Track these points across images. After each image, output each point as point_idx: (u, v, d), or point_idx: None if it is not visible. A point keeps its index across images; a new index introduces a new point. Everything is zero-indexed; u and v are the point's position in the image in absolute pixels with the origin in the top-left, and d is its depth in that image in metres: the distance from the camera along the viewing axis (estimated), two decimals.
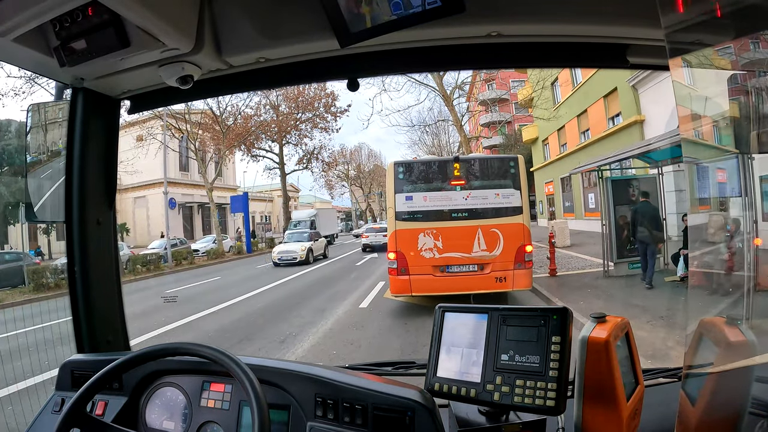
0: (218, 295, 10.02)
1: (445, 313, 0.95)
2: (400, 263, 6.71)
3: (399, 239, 6.74)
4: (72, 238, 1.32)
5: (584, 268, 9.98)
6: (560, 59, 1.33)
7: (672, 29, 0.64)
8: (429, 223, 6.67)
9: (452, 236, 6.62)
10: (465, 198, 6.68)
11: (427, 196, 6.75)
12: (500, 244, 6.55)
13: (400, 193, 6.78)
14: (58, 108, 1.33)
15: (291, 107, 25.68)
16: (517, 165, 6.83)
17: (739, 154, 0.86)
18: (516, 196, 6.67)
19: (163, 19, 0.95)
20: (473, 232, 6.59)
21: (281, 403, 1.02)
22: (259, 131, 25.01)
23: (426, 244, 6.66)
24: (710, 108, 0.81)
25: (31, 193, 1.32)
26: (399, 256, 6.74)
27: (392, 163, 7.00)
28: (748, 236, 0.91)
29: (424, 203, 6.71)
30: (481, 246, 6.58)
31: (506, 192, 6.70)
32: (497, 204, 6.65)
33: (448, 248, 6.63)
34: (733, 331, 0.69)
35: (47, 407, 1.18)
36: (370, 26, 0.92)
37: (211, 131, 22.77)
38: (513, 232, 6.54)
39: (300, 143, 27.89)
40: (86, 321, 1.34)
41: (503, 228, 6.56)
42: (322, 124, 26.77)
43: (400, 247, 6.73)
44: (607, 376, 0.78)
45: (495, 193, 6.69)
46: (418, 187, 6.84)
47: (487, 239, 6.56)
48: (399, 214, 6.75)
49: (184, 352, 0.93)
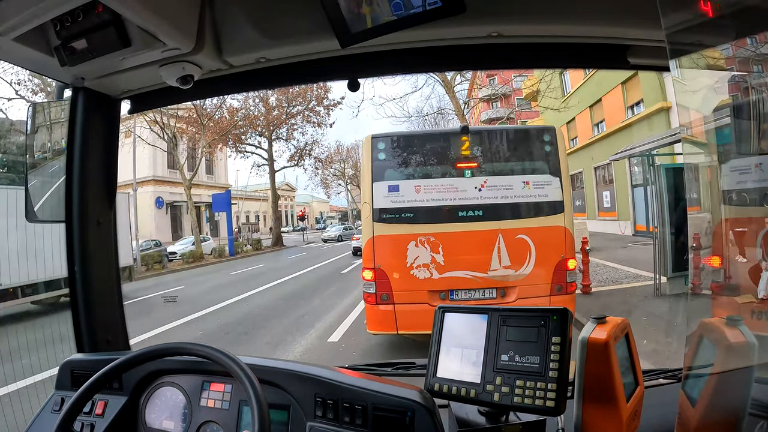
0: (157, 316, 7.91)
1: (445, 314, 0.95)
2: (381, 287, 4.46)
3: (379, 250, 4.48)
4: (72, 238, 1.32)
5: (620, 281, 7.81)
6: (560, 60, 1.34)
7: (672, 30, 0.64)
8: (424, 225, 4.45)
9: (459, 246, 4.43)
10: (478, 188, 4.45)
11: (421, 185, 4.47)
12: (531, 257, 4.37)
13: (380, 182, 4.50)
14: (59, 108, 1.33)
15: (281, 99, 24.19)
16: (555, 140, 4.52)
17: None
18: (554, 185, 4.43)
19: (164, 19, 0.95)
20: (491, 239, 4.39)
21: (281, 403, 1.02)
22: (245, 124, 23.64)
23: (419, 257, 4.44)
24: (711, 108, 0.81)
25: (31, 192, 1.32)
26: (378, 276, 4.46)
27: (369, 137, 4.63)
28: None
29: (417, 196, 4.47)
30: (502, 261, 4.38)
31: (539, 179, 4.46)
32: (526, 197, 4.44)
33: (452, 264, 4.42)
34: (733, 333, 0.69)
35: (47, 407, 1.18)
36: (370, 26, 0.93)
37: (195, 125, 21.28)
38: (550, 240, 4.38)
39: (290, 137, 26.50)
40: (86, 320, 1.34)
41: (536, 233, 4.38)
42: (315, 118, 25.45)
43: (380, 262, 4.46)
44: (607, 377, 0.78)
45: (523, 180, 4.45)
46: (407, 173, 4.58)
47: (512, 250, 4.38)
48: (378, 213, 4.48)
49: (184, 351, 0.93)
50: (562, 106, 16.53)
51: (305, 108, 24.91)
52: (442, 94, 19.44)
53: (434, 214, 4.47)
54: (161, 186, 26.43)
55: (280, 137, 26.28)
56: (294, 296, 9.51)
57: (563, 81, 19.27)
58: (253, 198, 36.12)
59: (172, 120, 19.73)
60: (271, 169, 26.54)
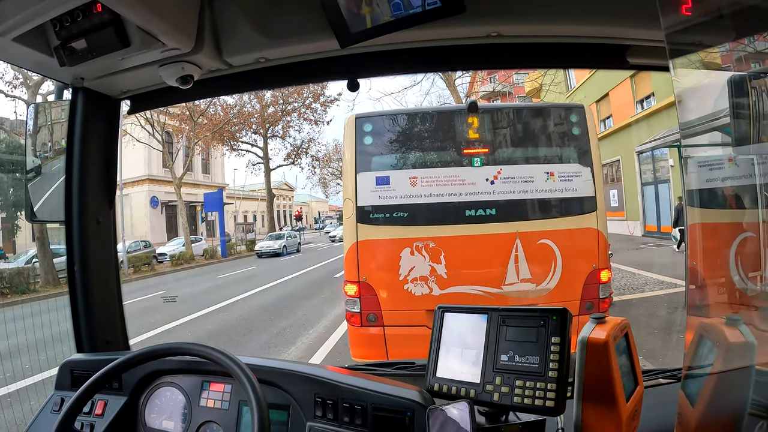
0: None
1: (444, 314, 0.95)
2: (367, 305, 3.55)
3: (364, 259, 3.56)
4: (72, 238, 1.32)
5: (642, 288, 6.91)
6: (560, 60, 1.34)
7: (672, 30, 0.64)
8: (421, 228, 3.55)
9: (466, 254, 3.52)
10: (490, 180, 3.54)
11: (418, 177, 3.56)
12: (556, 267, 3.51)
13: (365, 172, 3.60)
14: (59, 108, 1.33)
15: (276, 95, 23.74)
16: (584, 121, 3.64)
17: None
18: (584, 177, 3.56)
19: (163, 19, 0.95)
20: (506, 245, 3.50)
21: (281, 403, 1.02)
22: (240, 122, 23.11)
23: (416, 269, 3.53)
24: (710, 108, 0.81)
25: (31, 192, 1.32)
26: (364, 291, 3.55)
27: (352, 118, 3.75)
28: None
29: (412, 191, 3.55)
30: (521, 273, 3.50)
31: (566, 169, 3.57)
32: (550, 192, 3.55)
33: (457, 277, 3.52)
34: (733, 333, 0.69)
35: (47, 407, 1.18)
36: (370, 26, 0.93)
37: (189, 122, 20.72)
38: (580, 245, 3.53)
39: (286, 134, 25.87)
40: (86, 320, 1.34)
41: (562, 237, 3.52)
42: (311, 115, 24.87)
43: (366, 275, 3.55)
44: (606, 377, 0.78)
45: (546, 171, 3.55)
46: (399, 161, 3.69)
47: (532, 259, 3.50)
48: (363, 212, 3.57)
49: (183, 351, 0.93)
50: (567, 101, 16.10)
51: (301, 105, 24.51)
52: (443, 88, 19.03)
53: (434, 214, 3.56)
54: (156, 185, 26.04)
55: (276, 135, 25.77)
56: (278, 305, 8.61)
57: (567, 75, 18.54)
58: (251, 198, 35.64)
59: (162, 116, 19.42)
60: (267, 167, 25.98)
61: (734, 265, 0.77)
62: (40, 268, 12.30)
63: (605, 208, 3.75)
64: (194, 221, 27.35)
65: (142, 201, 25.21)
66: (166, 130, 20.34)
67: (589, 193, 3.58)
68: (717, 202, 0.84)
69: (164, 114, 19.65)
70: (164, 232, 25.70)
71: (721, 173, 0.82)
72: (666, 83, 12.76)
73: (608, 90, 16.41)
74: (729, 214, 0.84)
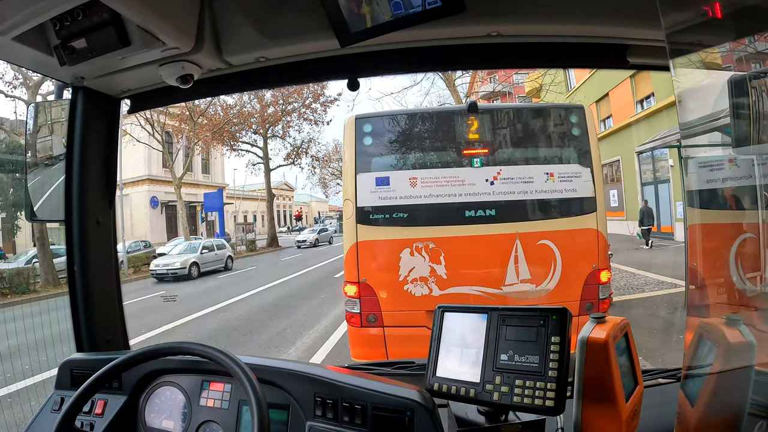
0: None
1: (444, 313, 0.95)
2: (367, 305, 3.62)
3: (364, 260, 3.63)
4: (72, 238, 1.32)
5: (642, 288, 7.05)
6: (560, 59, 1.34)
7: (672, 30, 0.64)
8: (421, 228, 3.61)
9: (466, 255, 3.59)
10: (490, 181, 3.61)
11: (418, 177, 3.63)
12: (556, 267, 3.57)
13: (365, 173, 3.67)
14: (59, 107, 1.33)
15: (276, 95, 23.49)
16: (584, 122, 3.72)
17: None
18: (584, 177, 3.63)
19: (164, 19, 0.95)
20: (506, 246, 3.57)
21: (281, 402, 1.02)
22: (239, 122, 22.93)
23: (416, 269, 3.60)
24: (711, 108, 0.81)
25: (31, 192, 1.32)
26: (364, 292, 3.62)
27: (352, 118, 3.82)
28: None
29: (412, 192, 3.62)
30: (521, 273, 3.57)
31: (566, 170, 3.64)
32: (550, 192, 3.62)
33: (457, 278, 3.59)
34: (733, 332, 0.69)
35: (46, 406, 1.18)
36: (370, 26, 0.93)
37: (189, 122, 20.66)
38: (579, 246, 3.60)
39: (286, 134, 25.57)
40: (86, 320, 1.34)
41: (562, 238, 3.58)
42: (311, 115, 24.68)
43: (365, 275, 3.63)
44: (606, 377, 0.78)
45: (546, 171, 3.62)
46: (399, 162, 3.75)
47: (532, 260, 3.56)
48: (363, 212, 3.64)
49: (183, 351, 0.93)
50: (567, 101, 16.15)
51: (301, 105, 24.41)
52: (443, 88, 18.97)
53: (434, 214, 3.63)
54: (156, 185, 26.02)
55: (276, 135, 25.68)
56: (278, 305, 8.59)
57: (567, 75, 18.62)
58: (251, 198, 35.53)
59: (162, 116, 19.39)
60: (267, 167, 25.85)
61: (734, 266, 0.78)
62: (40, 268, 12.33)
63: (605, 208, 3.81)
64: (194, 221, 27.34)
65: (142, 201, 25.20)
66: (166, 130, 20.30)
67: (589, 194, 3.65)
68: (717, 202, 0.84)
69: (164, 114, 19.62)
70: (164, 232, 25.68)
71: (721, 174, 0.82)
72: (666, 83, 12.76)
73: (608, 90, 16.45)
74: (729, 215, 0.84)
